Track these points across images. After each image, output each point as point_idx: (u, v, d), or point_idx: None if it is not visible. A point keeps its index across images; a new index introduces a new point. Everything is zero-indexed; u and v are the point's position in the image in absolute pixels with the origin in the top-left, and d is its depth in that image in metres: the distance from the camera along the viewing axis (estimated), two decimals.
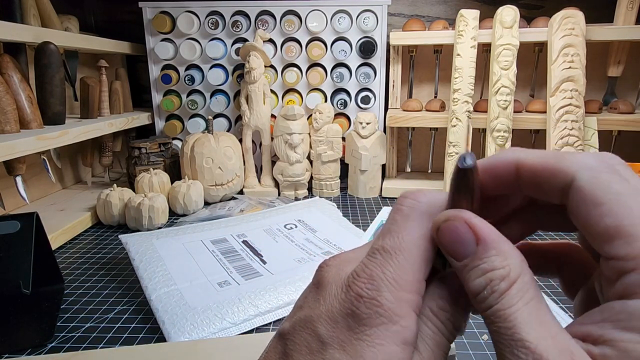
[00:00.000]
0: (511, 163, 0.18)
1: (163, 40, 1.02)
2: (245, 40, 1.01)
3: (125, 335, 0.48)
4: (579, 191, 0.16)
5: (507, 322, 0.15)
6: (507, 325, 0.15)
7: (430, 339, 0.18)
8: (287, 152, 0.94)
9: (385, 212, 0.76)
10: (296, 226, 0.71)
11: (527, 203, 0.20)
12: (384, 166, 1.00)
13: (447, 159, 0.88)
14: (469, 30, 0.86)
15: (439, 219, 0.17)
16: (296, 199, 0.96)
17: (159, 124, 1.09)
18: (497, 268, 0.16)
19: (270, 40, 1.01)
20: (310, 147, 0.97)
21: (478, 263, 0.16)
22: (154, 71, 1.05)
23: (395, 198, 0.96)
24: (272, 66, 1.02)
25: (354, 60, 1.00)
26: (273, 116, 1.02)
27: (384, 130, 1.00)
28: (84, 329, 0.49)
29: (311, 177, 0.98)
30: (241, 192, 0.97)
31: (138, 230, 0.76)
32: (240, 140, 0.98)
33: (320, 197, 0.95)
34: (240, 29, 1.00)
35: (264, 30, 0.99)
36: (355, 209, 0.89)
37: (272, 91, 1.02)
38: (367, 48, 0.98)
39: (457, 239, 0.17)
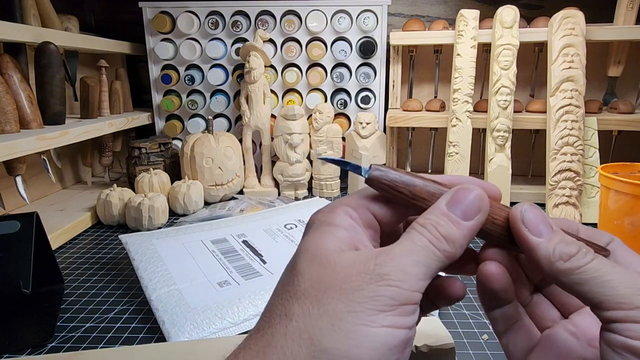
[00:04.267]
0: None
1: (163, 40, 1.02)
2: (245, 40, 1.01)
3: (125, 335, 0.48)
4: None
5: (598, 274, 0.20)
6: (599, 277, 0.20)
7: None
8: (287, 152, 0.94)
9: None
10: (296, 226, 0.71)
11: None
12: (384, 166, 1.00)
13: (447, 159, 0.88)
14: (469, 30, 0.86)
15: (521, 210, 0.22)
16: (296, 199, 0.96)
17: (159, 124, 1.09)
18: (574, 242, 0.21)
19: (270, 40, 1.01)
20: (310, 147, 0.97)
21: (562, 237, 0.22)
22: (154, 71, 1.05)
23: None
24: (272, 66, 1.02)
25: (354, 60, 1.00)
26: (273, 116, 1.02)
27: (384, 130, 1.00)
28: (84, 329, 0.49)
29: (311, 177, 0.98)
30: (241, 192, 0.97)
31: (138, 230, 0.76)
32: (240, 140, 0.98)
33: (320, 197, 0.95)
34: (240, 29, 1.00)
35: (264, 30, 0.99)
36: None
37: (272, 91, 1.02)
38: (367, 48, 0.98)
39: (543, 221, 0.22)
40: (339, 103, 1.01)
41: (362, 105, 1.01)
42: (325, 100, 1.03)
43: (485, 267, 0.24)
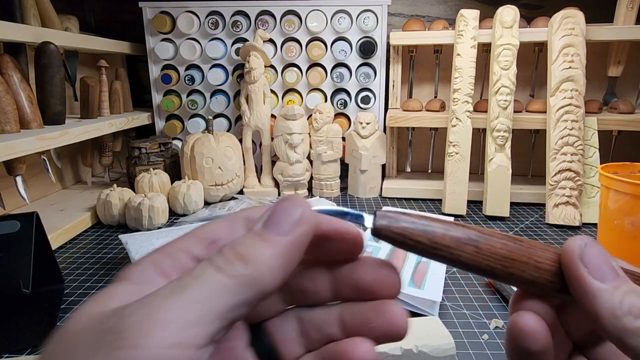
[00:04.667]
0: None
1: (163, 40, 1.02)
2: (245, 40, 1.01)
3: None
4: None
5: None
6: None
7: None
8: (287, 152, 0.94)
9: None
10: None
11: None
12: (384, 166, 1.00)
13: (447, 159, 0.88)
14: (469, 30, 0.86)
15: (580, 245, 0.18)
16: None
17: (159, 124, 1.09)
18: None
19: (270, 40, 1.01)
20: (310, 147, 0.97)
21: (631, 286, 0.17)
22: (154, 71, 1.05)
23: (396, 198, 0.96)
24: (272, 66, 1.02)
25: (354, 60, 1.00)
26: (273, 116, 1.02)
27: (384, 130, 1.00)
28: None
29: (311, 177, 0.98)
30: (241, 192, 0.97)
31: (138, 230, 0.76)
32: (240, 140, 0.98)
33: (320, 197, 0.95)
34: (240, 29, 1.00)
35: (264, 30, 0.99)
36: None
37: (272, 91, 1.02)
38: (367, 48, 0.98)
39: (606, 262, 0.18)
40: (339, 103, 1.01)
41: (362, 105, 1.01)
42: (325, 100, 1.03)
43: (522, 321, 0.19)
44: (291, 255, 0.17)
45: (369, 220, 0.20)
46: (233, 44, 1.02)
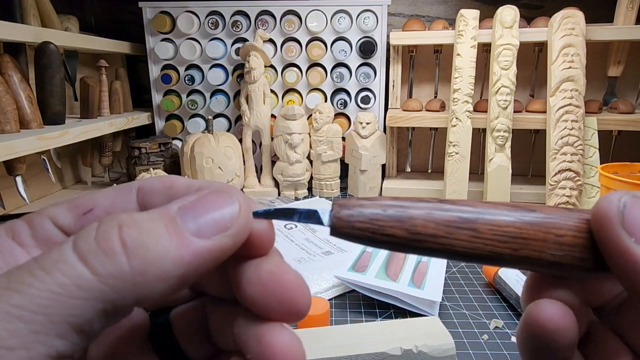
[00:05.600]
0: None
1: (163, 40, 1.02)
2: (245, 40, 1.01)
3: None
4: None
5: None
6: None
7: None
8: (287, 152, 0.94)
9: None
10: (296, 226, 0.71)
11: None
12: (384, 166, 1.00)
13: (447, 159, 0.88)
14: (469, 30, 0.86)
15: (616, 206, 0.14)
16: (296, 199, 0.96)
17: (159, 124, 1.09)
18: None
19: (270, 40, 1.01)
20: (310, 147, 0.97)
21: None
22: (154, 71, 1.05)
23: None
24: (272, 66, 1.02)
25: (354, 60, 1.00)
26: (273, 116, 1.02)
27: (384, 130, 1.00)
28: None
29: (311, 177, 0.98)
30: None
31: None
32: (240, 140, 0.98)
33: (320, 197, 0.95)
34: (240, 29, 1.00)
35: (264, 30, 0.99)
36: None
37: (272, 91, 1.02)
38: (367, 48, 0.98)
39: None
40: (339, 103, 1.01)
41: (362, 105, 1.01)
42: (325, 100, 1.03)
43: (545, 313, 0.14)
44: (200, 266, 0.12)
45: (325, 215, 0.15)
46: (233, 44, 1.02)
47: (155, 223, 0.12)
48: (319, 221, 0.15)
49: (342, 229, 0.15)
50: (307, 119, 0.99)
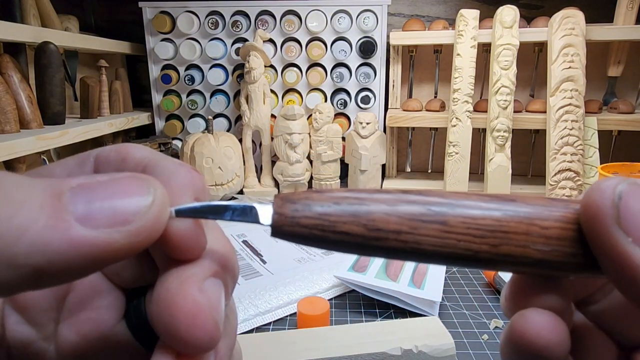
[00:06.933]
0: None
1: (163, 40, 1.02)
2: (245, 40, 1.01)
3: None
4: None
5: None
6: None
7: None
8: (287, 152, 0.94)
9: None
10: None
11: None
12: (384, 166, 1.00)
13: (447, 159, 0.88)
14: (469, 30, 0.86)
15: (610, 197, 0.12)
16: None
17: (159, 124, 1.09)
18: None
19: (270, 40, 1.01)
20: (310, 147, 0.97)
21: None
22: (154, 71, 1.05)
23: None
24: (272, 66, 1.02)
25: (354, 60, 1.00)
26: (273, 116, 1.02)
27: (384, 130, 1.00)
28: None
29: (311, 177, 0.98)
30: (241, 192, 0.97)
31: None
32: (240, 140, 0.98)
33: None
34: (240, 29, 1.00)
35: (264, 30, 0.99)
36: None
37: (272, 91, 1.02)
38: (367, 48, 0.98)
39: None
40: (339, 103, 1.01)
41: (362, 105, 1.01)
42: (325, 100, 1.03)
43: (532, 327, 0.12)
44: (74, 261, 0.10)
45: (265, 213, 0.13)
46: (233, 44, 1.02)
47: (31, 192, 0.09)
48: (255, 219, 0.13)
49: (284, 228, 0.12)
50: (307, 119, 0.99)
